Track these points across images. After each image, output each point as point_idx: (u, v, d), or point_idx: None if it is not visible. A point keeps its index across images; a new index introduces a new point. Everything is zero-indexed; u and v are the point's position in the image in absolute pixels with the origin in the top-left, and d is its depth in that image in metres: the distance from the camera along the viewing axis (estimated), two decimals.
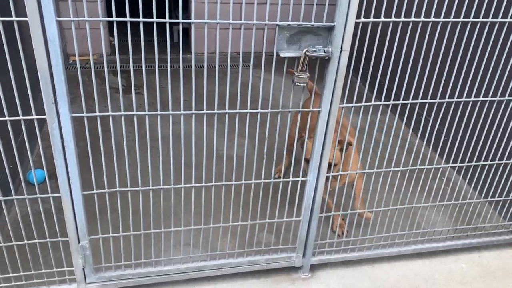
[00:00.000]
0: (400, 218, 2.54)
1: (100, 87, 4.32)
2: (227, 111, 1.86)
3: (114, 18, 1.56)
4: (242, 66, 4.81)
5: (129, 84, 4.41)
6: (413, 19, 1.83)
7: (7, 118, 1.68)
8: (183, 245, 2.23)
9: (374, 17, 1.79)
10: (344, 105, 1.95)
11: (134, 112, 1.77)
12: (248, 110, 1.90)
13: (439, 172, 2.42)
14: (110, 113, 1.75)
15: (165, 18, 1.58)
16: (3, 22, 1.49)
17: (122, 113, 1.76)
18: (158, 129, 1.85)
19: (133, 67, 1.69)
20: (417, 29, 1.87)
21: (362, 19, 1.76)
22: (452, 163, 2.49)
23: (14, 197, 1.87)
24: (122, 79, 4.65)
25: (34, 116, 1.69)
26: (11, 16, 1.48)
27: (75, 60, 1.59)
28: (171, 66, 1.71)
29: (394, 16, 1.81)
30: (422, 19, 1.84)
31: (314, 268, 2.51)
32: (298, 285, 2.42)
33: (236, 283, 2.40)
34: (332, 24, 1.73)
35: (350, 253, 2.50)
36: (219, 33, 1.69)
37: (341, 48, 1.78)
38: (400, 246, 2.58)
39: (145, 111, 1.78)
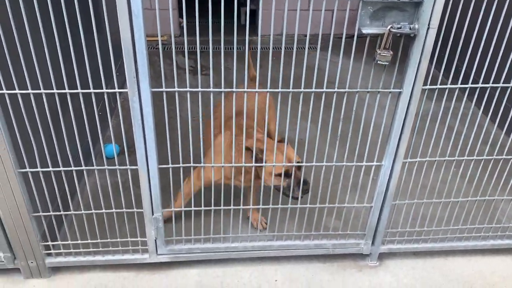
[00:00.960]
0: (477, 211, 2.38)
1: (169, 68, 4.42)
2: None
3: None
4: (309, 49, 4.72)
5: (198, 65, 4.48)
6: None
7: (91, 90, 1.74)
8: (250, 224, 2.23)
9: None
10: (428, 86, 1.84)
11: (211, 89, 1.77)
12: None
13: None
14: (188, 89, 1.76)
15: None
16: None
17: (199, 89, 1.77)
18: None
19: (201, 48, 1.69)
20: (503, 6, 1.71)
21: None
22: None
23: (95, 167, 1.96)
24: (191, 60, 4.72)
25: (117, 90, 1.75)
26: None
27: (149, 40, 1.62)
28: (237, 48, 1.69)
29: None
30: None
31: (382, 256, 2.43)
32: (365, 272, 2.36)
33: (301, 266, 2.38)
34: None
35: (422, 244, 2.39)
36: (287, 15, 1.63)
37: (428, 25, 1.67)
38: (477, 240, 2.43)
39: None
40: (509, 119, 2.07)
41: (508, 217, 2.60)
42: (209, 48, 1.73)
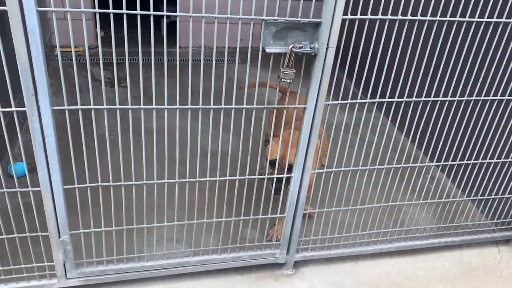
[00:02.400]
0: (384, 215, 2.55)
1: (85, 80, 4.25)
2: (211, 106, 1.85)
3: (96, 10, 1.53)
4: (227, 61, 4.78)
5: (114, 77, 4.35)
6: (400, 17, 1.83)
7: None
8: (166, 241, 2.21)
9: (360, 15, 1.78)
10: (330, 102, 1.95)
11: (117, 106, 1.74)
12: (233, 106, 1.89)
13: (424, 170, 2.44)
14: (92, 106, 1.71)
15: (149, 10, 1.55)
16: None
17: (105, 106, 1.73)
18: (141, 123, 1.82)
19: (117, 60, 1.66)
20: (403, 27, 1.87)
21: (349, 16, 1.75)
22: (436, 162, 2.51)
23: None
24: (108, 71, 4.58)
25: (14, 109, 1.65)
26: None
27: (62, 51, 1.55)
28: (155, 60, 1.68)
29: (381, 13, 1.80)
30: (409, 17, 1.83)
31: (297, 264, 2.51)
32: (281, 281, 2.42)
33: (220, 280, 2.39)
34: (319, 20, 1.72)
35: (334, 250, 2.51)
36: (205, 27, 1.66)
37: (327, 44, 1.77)
38: (383, 244, 2.60)
39: (129, 105, 1.75)
40: (407, 126, 2.26)
41: (410, 219, 2.81)
42: (125, 60, 1.70)
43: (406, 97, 2.10)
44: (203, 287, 2.34)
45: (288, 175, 2.14)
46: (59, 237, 1.98)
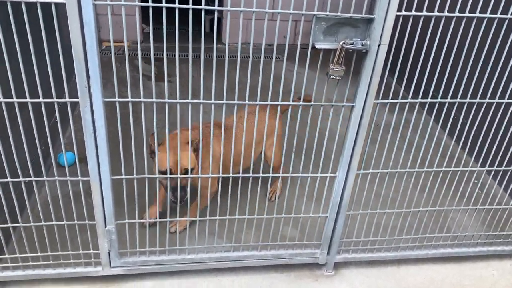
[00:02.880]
0: (429, 220, 2.46)
1: (132, 74, 4.36)
2: (257, 102, 1.83)
3: (150, 4, 1.55)
4: (275, 58, 4.77)
5: (161, 72, 4.42)
6: (456, 14, 1.75)
7: (41, 100, 1.69)
8: (207, 235, 2.22)
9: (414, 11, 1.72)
10: (380, 101, 1.89)
11: (166, 100, 1.76)
12: (280, 102, 1.87)
13: (474, 176, 2.33)
14: (142, 99, 1.74)
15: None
16: (41, 3, 1.49)
17: (154, 100, 1.75)
18: (188, 118, 1.83)
19: (160, 56, 1.68)
20: (460, 25, 1.79)
21: (404, 12, 1.69)
22: (487, 167, 2.39)
23: (44, 178, 1.90)
24: (155, 66, 4.66)
25: (68, 99, 1.71)
26: None
27: (108, 45, 1.59)
28: (196, 56, 1.69)
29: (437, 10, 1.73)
30: (467, 14, 1.75)
31: (338, 266, 2.46)
32: (321, 282, 2.38)
33: (258, 276, 2.38)
34: (372, 16, 1.67)
35: (376, 253, 2.44)
36: (248, 24, 1.65)
37: (379, 41, 1.72)
38: (428, 249, 2.51)
39: (176, 99, 1.77)
40: (453, 128, 2.16)
41: (458, 226, 2.69)
42: (174, 55, 1.72)
43: (458, 99, 2.01)
44: (241, 283, 2.34)
45: (332, 175, 2.09)
46: (105, 226, 2.03)
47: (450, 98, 2.00)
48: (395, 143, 2.07)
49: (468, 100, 2.02)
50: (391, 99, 1.93)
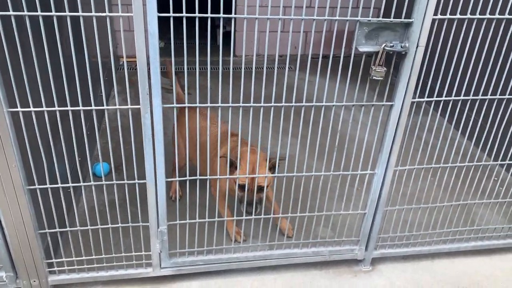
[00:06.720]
0: (454, 215, 2.56)
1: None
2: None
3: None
4: (283, 68, 4.91)
5: (185, 84, 4.54)
6: (488, 16, 1.88)
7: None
8: (252, 234, 2.31)
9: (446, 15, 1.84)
10: (417, 99, 2.01)
11: (220, 104, 1.88)
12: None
13: (494, 174, 2.45)
14: (197, 104, 1.86)
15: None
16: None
17: (209, 105, 1.87)
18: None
19: (176, 69, 1.79)
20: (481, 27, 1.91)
21: (439, 16, 1.82)
22: (501, 161, 2.46)
23: (103, 182, 2.01)
24: (169, 80, 4.78)
25: (129, 106, 1.82)
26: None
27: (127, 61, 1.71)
28: (212, 68, 1.81)
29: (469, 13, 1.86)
30: (497, 16, 1.89)
31: (374, 261, 2.56)
32: (360, 277, 2.48)
33: (299, 274, 2.47)
34: (410, 20, 1.80)
35: (411, 247, 2.54)
36: (263, 36, 1.77)
37: (417, 43, 1.85)
38: (459, 242, 2.61)
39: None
40: (470, 130, 2.28)
41: (481, 220, 2.80)
42: (192, 69, 1.84)
43: (468, 96, 2.11)
44: (283, 280, 2.43)
45: (371, 172, 2.20)
46: (158, 228, 2.13)
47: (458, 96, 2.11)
48: (412, 142, 2.19)
49: (489, 96, 2.13)
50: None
